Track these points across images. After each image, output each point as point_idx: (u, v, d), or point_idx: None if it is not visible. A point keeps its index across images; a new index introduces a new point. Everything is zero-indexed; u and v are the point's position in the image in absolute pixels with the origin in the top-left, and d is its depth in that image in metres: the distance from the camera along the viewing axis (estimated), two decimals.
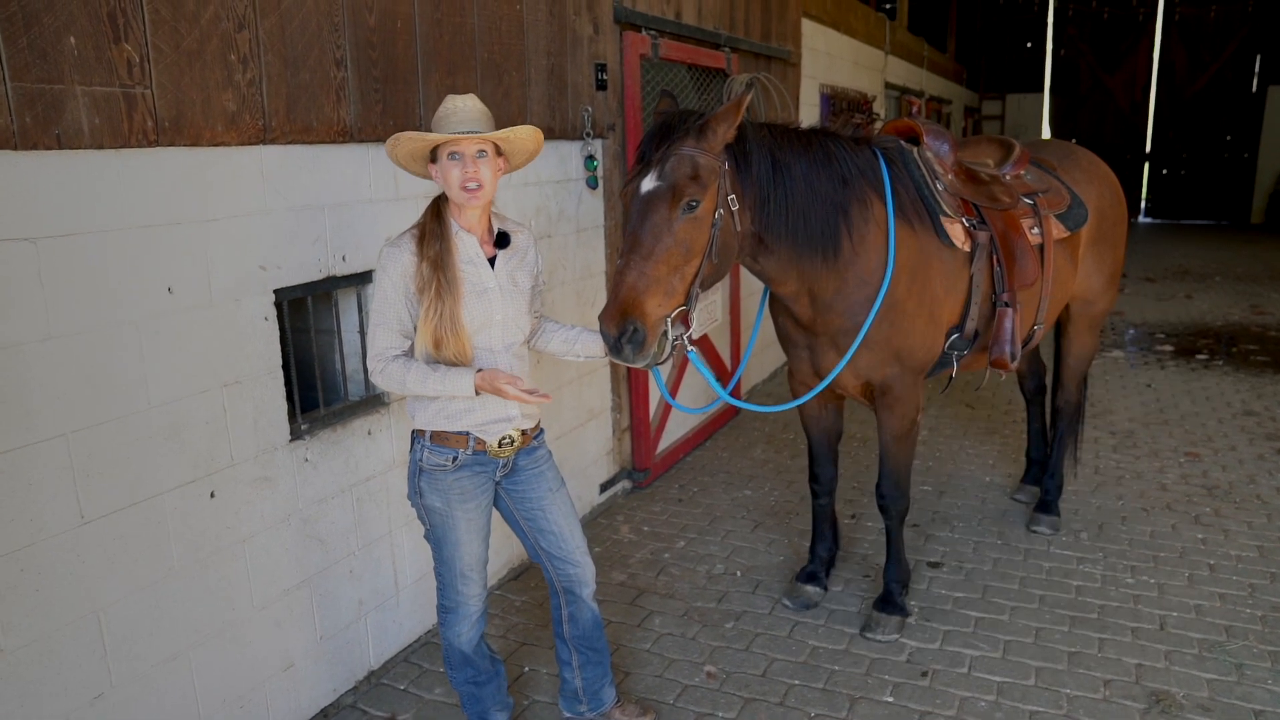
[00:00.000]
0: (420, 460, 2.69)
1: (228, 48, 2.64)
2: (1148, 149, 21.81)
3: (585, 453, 4.86)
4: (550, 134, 4.26)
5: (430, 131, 2.54)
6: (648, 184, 2.68)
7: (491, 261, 2.65)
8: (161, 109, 2.46)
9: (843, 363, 3.22)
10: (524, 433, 2.77)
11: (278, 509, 2.99)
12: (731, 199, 2.77)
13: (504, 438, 2.70)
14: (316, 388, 3.22)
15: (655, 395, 5.48)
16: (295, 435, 3.05)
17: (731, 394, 6.48)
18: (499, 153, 2.61)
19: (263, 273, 2.85)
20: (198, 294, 2.65)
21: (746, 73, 6.23)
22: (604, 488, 5.05)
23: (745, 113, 2.80)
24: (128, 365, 2.47)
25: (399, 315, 2.55)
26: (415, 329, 2.55)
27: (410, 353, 2.58)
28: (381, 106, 3.21)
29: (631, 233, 2.67)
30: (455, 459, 2.66)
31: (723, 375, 6.44)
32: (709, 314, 5.80)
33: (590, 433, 4.88)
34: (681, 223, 2.66)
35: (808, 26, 7.92)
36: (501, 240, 2.67)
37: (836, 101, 8.79)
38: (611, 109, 4.77)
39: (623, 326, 2.60)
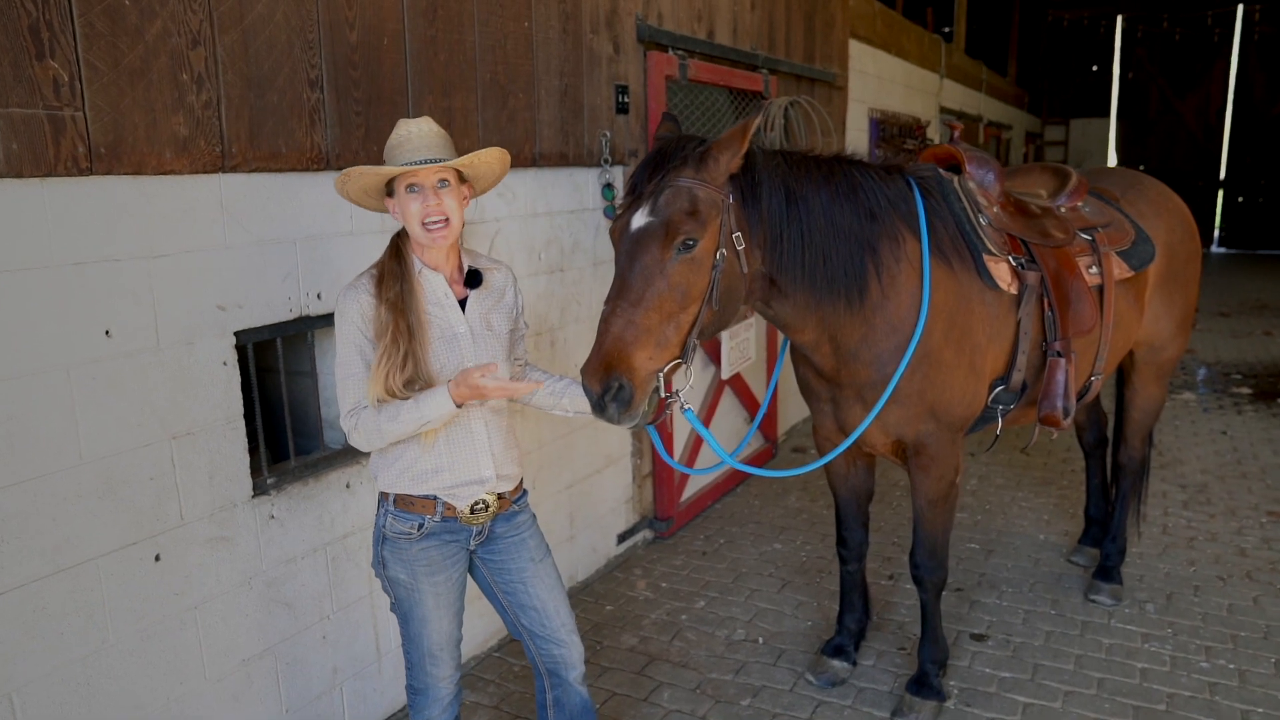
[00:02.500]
0: (383, 527, 2.39)
1: (179, 66, 2.39)
2: (1222, 175, 20.88)
3: (602, 501, 4.53)
4: (563, 160, 3.98)
5: (384, 163, 2.26)
6: (638, 220, 2.37)
7: (463, 303, 2.36)
8: (96, 133, 2.22)
9: (869, 419, 2.85)
10: (501, 496, 2.46)
11: (237, 571, 2.72)
12: (737, 237, 2.44)
13: (477, 503, 2.39)
14: (288, 437, 2.95)
15: (682, 437, 5.14)
16: (260, 490, 2.77)
17: (764, 438, 6.13)
18: (462, 179, 2.32)
19: (221, 313, 2.59)
20: (142, 337, 2.40)
21: (786, 96, 5.90)
22: (622, 538, 4.71)
23: (755, 138, 2.47)
24: (55, 416, 2.22)
25: (367, 364, 2.26)
26: None
27: None
28: (364, 130, 2.95)
29: (619, 276, 2.36)
30: (421, 526, 2.36)
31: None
32: (742, 352, 5.45)
33: (607, 480, 4.55)
34: (676, 264, 2.33)
35: (856, 48, 7.56)
36: (473, 279, 2.38)
37: (886, 127, 8.40)
38: (633, 134, 4.47)
39: (607, 383, 2.28)
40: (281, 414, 2.98)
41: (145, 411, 2.42)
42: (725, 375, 5.32)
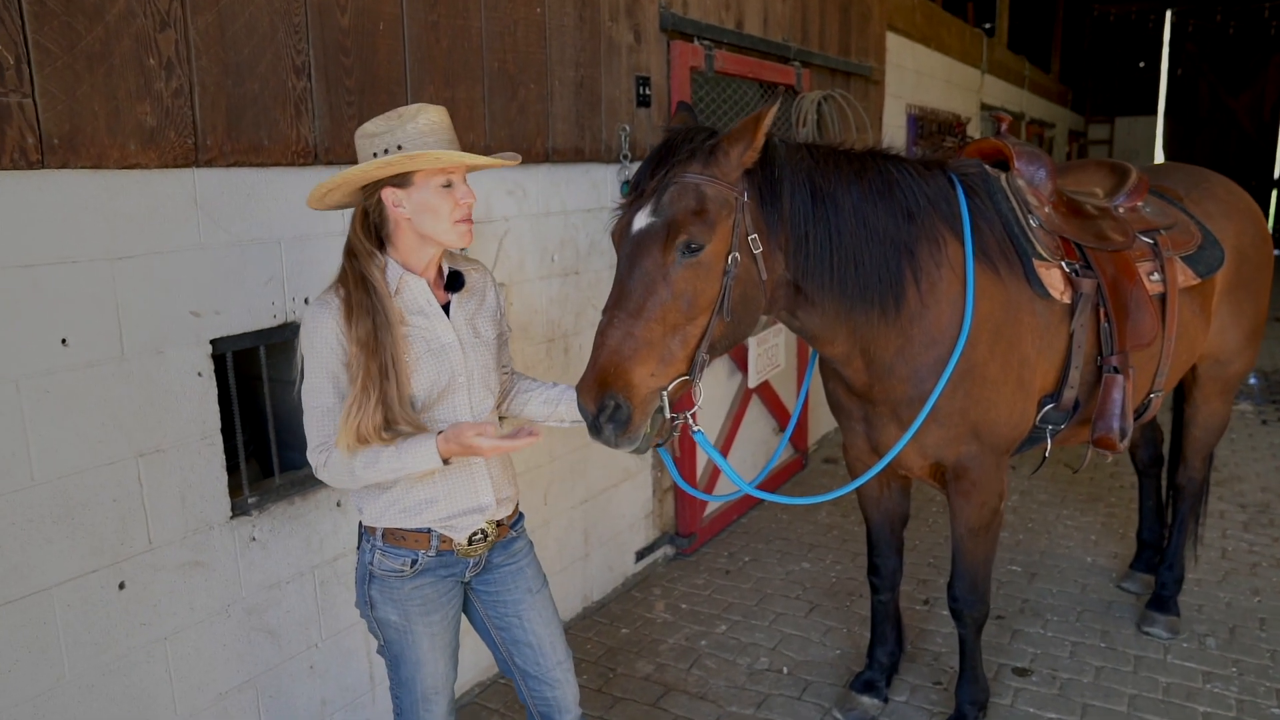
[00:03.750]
0: (370, 564, 2.16)
1: (145, 50, 2.18)
2: (1276, 174, 20.16)
3: (619, 516, 4.29)
4: (579, 156, 3.74)
5: (398, 149, 1.96)
6: (640, 220, 2.13)
7: (445, 309, 2.13)
8: (48, 122, 2.02)
9: (903, 440, 2.57)
10: (499, 524, 2.23)
11: (213, 598, 2.51)
12: (753, 239, 2.19)
13: (475, 533, 2.16)
14: (272, 452, 2.74)
15: (704, 456, 4.87)
16: (240, 511, 2.57)
17: (794, 449, 5.85)
18: None
19: (196, 320, 2.39)
20: (104, 346, 2.19)
21: (820, 90, 5.62)
22: (641, 555, 4.46)
23: (778, 130, 2.22)
24: (2, 433, 2.02)
25: (341, 393, 2.02)
26: None
27: None
28: (357, 121, 2.73)
29: (617, 282, 2.13)
30: (414, 563, 2.13)
31: (787, 425, 5.80)
32: (770, 359, 5.18)
33: (625, 494, 4.31)
34: (680, 270, 2.09)
35: (894, 41, 7.25)
36: (454, 282, 2.15)
37: (925, 123, 8.07)
38: (655, 128, 4.22)
39: (601, 402, 2.05)
40: (265, 428, 2.78)
41: (108, 427, 2.22)
42: (752, 383, 5.05)
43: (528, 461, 3.64)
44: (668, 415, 2.13)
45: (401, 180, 2.00)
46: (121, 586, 2.29)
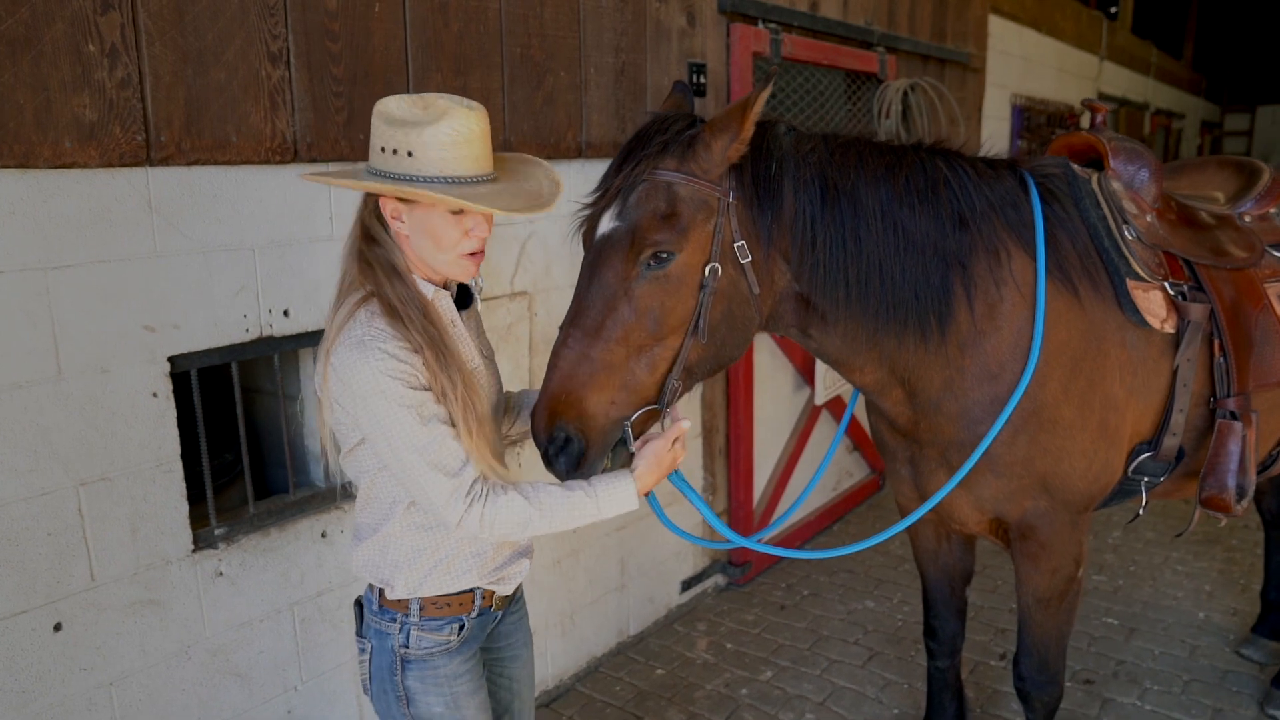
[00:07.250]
0: (404, 647, 1.80)
1: (83, 35, 1.95)
2: None
3: (662, 544, 3.95)
4: (618, 150, 3.39)
5: (409, 155, 1.61)
6: (604, 224, 1.82)
7: None
8: None
9: (945, 489, 2.14)
10: None
11: (170, 639, 2.28)
12: (740, 247, 1.84)
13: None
14: (246, 476, 2.50)
15: (765, 471, 4.49)
16: (204, 543, 2.33)
17: (870, 468, 5.38)
18: None
19: (150, 335, 2.15)
20: (35, 365, 1.98)
21: (907, 78, 5.13)
22: (687, 585, 4.11)
23: (770, 114, 1.87)
24: None
25: (442, 421, 1.67)
26: None
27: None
28: (347, 114, 2.46)
29: (576, 295, 1.84)
30: (461, 628, 1.83)
31: (865, 445, 5.34)
32: None
33: (671, 519, 3.95)
34: (645, 284, 1.77)
35: (997, 24, 6.65)
36: (464, 297, 1.89)
37: (1032, 115, 7.41)
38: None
39: (552, 433, 1.76)
40: (260, 445, 2.55)
41: (41, 454, 2.00)
42: (819, 400, 4.63)
43: None
44: (631, 449, 1.81)
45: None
46: (58, 628, 2.07)
